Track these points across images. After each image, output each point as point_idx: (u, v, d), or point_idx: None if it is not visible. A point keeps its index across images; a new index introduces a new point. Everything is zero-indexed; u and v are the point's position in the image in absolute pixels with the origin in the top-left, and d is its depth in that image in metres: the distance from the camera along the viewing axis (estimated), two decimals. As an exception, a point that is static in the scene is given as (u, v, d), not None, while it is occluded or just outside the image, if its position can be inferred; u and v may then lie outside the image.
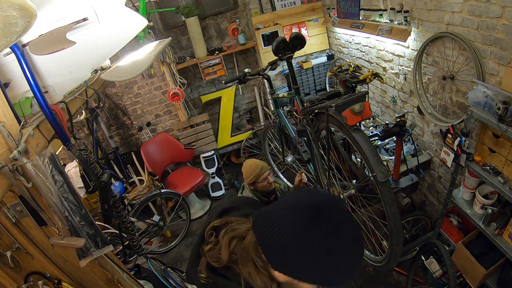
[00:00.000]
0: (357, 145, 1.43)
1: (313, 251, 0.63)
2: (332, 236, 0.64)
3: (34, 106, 1.28)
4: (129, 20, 1.35)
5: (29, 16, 0.67)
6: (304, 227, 0.64)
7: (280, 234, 0.65)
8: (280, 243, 0.65)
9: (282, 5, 3.58)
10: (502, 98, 1.34)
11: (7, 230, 1.07)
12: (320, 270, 0.66)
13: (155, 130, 4.14)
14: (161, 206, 3.47)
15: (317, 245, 0.63)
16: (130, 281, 1.60)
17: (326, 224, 0.64)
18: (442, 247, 2.04)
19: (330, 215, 0.65)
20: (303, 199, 0.69)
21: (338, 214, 0.67)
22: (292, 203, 0.70)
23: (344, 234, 0.65)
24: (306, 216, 0.65)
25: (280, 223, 0.66)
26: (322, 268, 0.65)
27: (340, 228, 0.65)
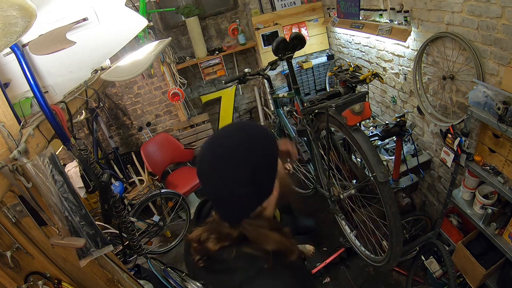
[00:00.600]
0: (357, 145, 1.43)
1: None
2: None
3: (34, 106, 1.28)
4: (129, 20, 1.35)
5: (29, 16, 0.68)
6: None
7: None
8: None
9: (282, 5, 3.58)
10: (502, 98, 1.34)
11: (7, 230, 1.07)
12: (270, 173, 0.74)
13: (155, 130, 4.14)
14: (161, 206, 3.47)
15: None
16: (130, 281, 1.60)
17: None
18: (442, 247, 2.04)
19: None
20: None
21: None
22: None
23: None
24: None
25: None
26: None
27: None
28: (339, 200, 1.86)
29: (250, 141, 0.74)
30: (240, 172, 0.70)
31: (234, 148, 0.71)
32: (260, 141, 0.75)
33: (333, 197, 1.86)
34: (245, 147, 0.72)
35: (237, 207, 0.73)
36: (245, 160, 0.70)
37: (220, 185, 0.71)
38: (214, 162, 0.71)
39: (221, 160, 0.70)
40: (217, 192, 0.73)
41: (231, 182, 0.70)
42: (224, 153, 0.71)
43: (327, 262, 2.64)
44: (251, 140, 0.74)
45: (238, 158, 0.70)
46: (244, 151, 0.71)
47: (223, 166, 0.70)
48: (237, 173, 0.70)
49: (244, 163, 0.70)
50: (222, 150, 0.72)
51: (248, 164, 0.70)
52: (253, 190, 0.72)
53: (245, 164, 0.70)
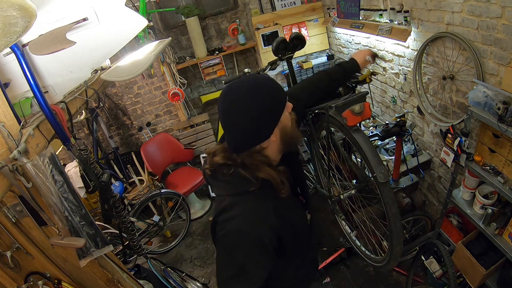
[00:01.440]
0: (357, 145, 1.43)
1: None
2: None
3: (34, 106, 1.28)
4: (129, 20, 1.35)
5: (29, 16, 0.67)
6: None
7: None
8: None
9: (282, 5, 3.59)
10: (502, 98, 1.34)
11: (7, 230, 1.07)
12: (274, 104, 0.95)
13: (155, 130, 4.14)
14: (161, 206, 3.47)
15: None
16: (130, 281, 1.60)
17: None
18: (442, 247, 2.04)
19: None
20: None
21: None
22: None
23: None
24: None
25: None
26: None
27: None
28: (339, 200, 1.86)
29: (255, 92, 0.93)
30: (243, 115, 0.91)
31: (241, 97, 0.92)
32: (264, 93, 0.93)
33: (333, 197, 1.86)
34: (249, 96, 0.92)
35: (239, 141, 0.94)
36: (248, 107, 0.91)
37: (229, 121, 0.94)
38: (227, 105, 0.94)
39: (231, 104, 0.93)
40: (227, 126, 0.96)
41: (236, 121, 0.92)
42: (233, 99, 0.93)
43: (327, 262, 2.64)
44: (256, 91, 0.93)
45: (242, 106, 0.91)
46: (248, 100, 0.91)
47: (232, 109, 0.93)
48: (241, 115, 0.91)
49: (247, 109, 0.91)
50: (233, 97, 0.94)
51: (250, 111, 0.91)
52: (252, 131, 0.93)
53: (248, 109, 0.91)
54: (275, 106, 0.96)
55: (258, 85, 0.94)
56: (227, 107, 0.94)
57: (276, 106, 0.96)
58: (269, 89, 0.95)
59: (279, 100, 0.97)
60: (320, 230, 3.05)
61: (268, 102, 0.93)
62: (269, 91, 0.95)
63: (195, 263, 3.16)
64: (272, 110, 0.95)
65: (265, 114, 0.93)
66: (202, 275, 2.96)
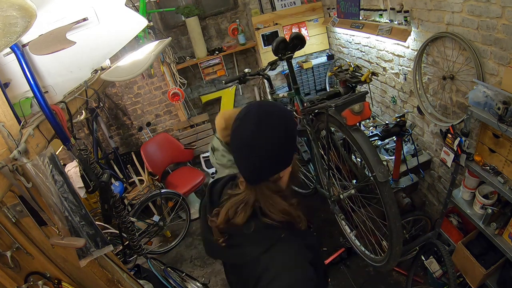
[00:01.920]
0: (357, 145, 1.43)
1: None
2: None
3: (34, 106, 1.28)
4: (129, 20, 1.35)
5: (29, 16, 0.67)
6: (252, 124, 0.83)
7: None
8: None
9: (282, 5, 3.59)
10: (502, 98, 1.34)
11: (7, 230, 1.07)
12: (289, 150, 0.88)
13: (155, 130, 4.14)
14: (161, 206, 3.47)
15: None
16: (130, 281, 1.60)
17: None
18: (442, 247, 2.04)
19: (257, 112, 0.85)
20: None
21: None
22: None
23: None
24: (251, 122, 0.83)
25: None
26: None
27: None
28: (339, 200, 1.86)
29: (283, 117, 0.86)
30: (273, 139, 0.82)
31: (271, 122, 0.83)
32: (289, 118, 0.88)
33: (333, 197, 1.86)
34: (279, 121, 0.84)
35: (261, 167, 0.83)
36: (281, 131, 0.83)
37: (256, 145, 0.81)
38: (254, 127, 0.82)
39: (261, 126, 0.82)
40: (252, 150, 0.82)
41: (265, 146, 0.81)
42: (262, 123, 0.82)
43: (327, 262, 2.64)
44: (284, 114, 0.87)
45: (273, 130, 0.82)
46: (277, 125, 0.83)
47: (262, 131, 0.81)
48: (270, 140, 0.82)
49: (280, 134, 0.83)
50: (261, 120, 0.82)
51: (281, 135, 0.83)
52: (278, 157, 0.84)
53: (280, 134, 0.83)
54: (296, 132, 0.92)
55: (282, 110, 0.90)
56: (257, 127, 0.82)
57: (296, 132, 0.93)
58: (291, 115, 0.92)
59: (295, 125, 0.95)
60: (320, 230, 3.05)
61: (291, 128, 0.88)
62: (291, 116, 0.92)
63: (195, 263, 3.16)
64: (294, 134, 0.91)
65: (291, 139, 0.88)
66: (202, 275, 2.96)
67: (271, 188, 0.86)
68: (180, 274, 2.51)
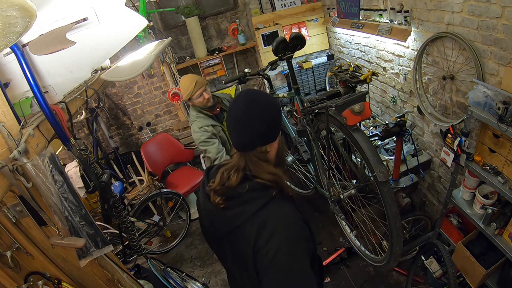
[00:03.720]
0: (357, 145, 1.43)
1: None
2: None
3: (34, 106, 1.28)
4: (129, 20, 1.35)
5: (29, 16, 0.67)
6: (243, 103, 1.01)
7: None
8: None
9: (282, 5, 3.59)
10: (502, 98, 1.34)
11: (7, 230, 1.07)
12: (276, 125, 1.04)
13: (155, 130, 4.14)
14: (161, 206, 3.47)
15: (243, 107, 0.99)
16: (130, 281, 1.60)
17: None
18: (442, 247, 2.04)
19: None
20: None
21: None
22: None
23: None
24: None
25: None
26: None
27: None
28: (339, 200, 1.86)
29: (272, 102, 1.05)
30: (262, 116, 0.99)
31: (263, 102, 1.01)
32: (271, 104, 1.04)
33: (333, 197, 1.86)
34: (269, 103, 1.03)
35: (250, 138, 0.99)
36: (267, 110, 1.01)
37: (247, 120, 0.98)
38: (247, 105, 0.99)
39: (252, 104, 1.00)
40: (244, 124, 0.99)
41: (254, 121, 0.98)
42: (255, 101, 1.00)
43: (327, 262, 2.64)
44: (273, 100, 1.06)
45: (263, 109, 1.00)
46: (268, 106, 1.02)
47: (253, 108, 0.99)
48: (260, 116, 0.99)
49: (266, 111, 1.01)
50: (254, 99, 1.01)
51: (267, 115, 1.00)
52: (264, 132, 1.00)
53: (268, 113, 1.01)
54: (278, 113, 1.07)
55: (266, 95, 1.07)
56: (247, 107, 0.99)
57: (278, 113, 1.07)
58: (274, 100, 1.09)
59: (277, 109, 1.10)
60: (320, 230, 3.05)
61: (280, 110, 1.07)
62: (274, 101, 1.08)
63: (195, 263, 3.16)
64: (281, 118, 1.08)
65: (278, 118, 1.05)
66: (202, 275, 2.96)
67: (258, 156, 1.01)
68: (180, 274, 2.51)
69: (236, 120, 1.00)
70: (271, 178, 0.99)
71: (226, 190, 0.99)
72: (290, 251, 0.92)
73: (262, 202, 0.97)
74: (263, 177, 0.99)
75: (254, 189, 0.98)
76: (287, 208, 1.00)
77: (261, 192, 0.98)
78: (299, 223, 0.98)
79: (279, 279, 0.91)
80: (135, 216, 2.95)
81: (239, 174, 0.99)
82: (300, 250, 0.94)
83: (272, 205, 0.97)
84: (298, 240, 0.95)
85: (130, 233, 2.04)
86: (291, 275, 0.90)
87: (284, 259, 0.90)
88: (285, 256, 0.91)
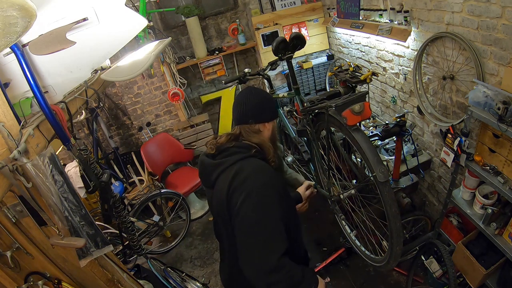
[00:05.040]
0: (357, 145, 1.43)
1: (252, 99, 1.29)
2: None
3: (34, 106, 1.28)
4: (129, 20, 1.35)
5: (29, 16, 0.67)
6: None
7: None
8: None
9: (282, 5, 3.58)
10: (502, 98, 1.34)
11: (7, 230, 1.07)
12: (270, 107, 1.34)
13: (155, 130, 4.14)
14: (161, 206, 3.47)
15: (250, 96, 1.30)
16: (130, 281, 1.60)
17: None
18: (442, 247, 2.04)
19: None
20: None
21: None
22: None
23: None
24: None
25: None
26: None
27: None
28: (339, 200, 1.86)
29: (269, 96, 1.37)
30: (257, 99, 1.29)
31: (261, 92, 1.34)
32: (264, 95, 1.35)
33: (333, 197, 1.86)
34: (265, 94, 1.36)
35: (245, 115, 1.27)
36: (262, 98, 1.31)
37: (246, 100, 1.28)
38: (249, 92, 1.32)
39: (252, 92, 1.32)
40: (243, 103, 1.28)
41: (251, 102, 1.28)
42: (255, 92, 1.32)
43: (327, 262, 2.64)
44: (269, 95, 1.40)
45: (259, 97, 1.30)
46: (265, 96, 1.33)
47: (252, 95, 1.30)
48: (255, 99, 1.29)
49: (262, 99, 1.31)
50: (255, 90, 1.33)
51: (263, 100, 1.31)
52: (255, 110, 1.27)
53: (262, 99, 1.31)
54: (275, 111, 1.38)
55: (261, 90, 1.39)
56: (249, 93, 1.30)
57: (275, 111, 1.39)
58: (267, 94, 1.39)
59: (270, 100, 1.37)
60: (320, 230, 3.05)
61: (273, 103, 1.38)
62: (267, 94, 1.38)
63: (195, 263, 3.16)
64: (273, 109, 1.37)
65: (270, 107, 1.33)
66: (202, 275, 2.96)
67: (251, 129, 1.27)
68: (180, 274, 2.51)
69: (237, 101, 1.30)
70: (257, 142, 1.23)
71: (217, 145, 1.24)
72: (262, 194, 1.05)
73: (242, 155, 1.18)
74: (251, 140, 1.23)
75: (239, 146, 1.22)
76: (264, 163, 1.19)
77: (244, 149, 1.20)
78: (274, 175, 1.16)
79: (249, 223, 1.02)
80: (135, 216, 2.95)
81: (229, 136, 1.25)
82: (272, 198, 1.06)
83: (251, 159, 1.18)
84: (270, 188, 1.09)
85: (130, 233, 2.04)
86: (260, 221, 1.01)
87: (255, 201, 1.02)
88: (255, 198, 1.03)
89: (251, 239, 1.02)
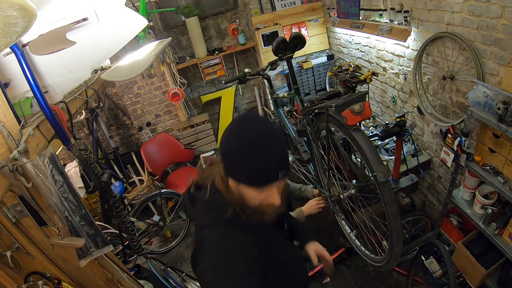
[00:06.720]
0: (357, 145, 1.43)
1: (238, 146, 0.81)
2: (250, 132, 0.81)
3: (34, 106, 1.28)
4: (129, 20, 1.35)
5: (29, 16, 0.67)
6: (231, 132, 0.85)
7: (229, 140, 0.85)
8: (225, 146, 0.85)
9: (282, 5, 3.58)
10: (502, 98, 1.34)
11: (7, 230, 1.07)
12: (246, 164, 0.81)
13: (155, 130, 4.14)
14: (161, 206, 3.47)
15: (240, 141, 0.81)
16: (130, 281, 1.60)
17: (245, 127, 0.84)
18: (442, 247, 2.04)
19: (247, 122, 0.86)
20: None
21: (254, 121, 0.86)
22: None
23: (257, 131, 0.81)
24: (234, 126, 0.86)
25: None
26: (247, 162, 0.80)
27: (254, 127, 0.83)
28: (339, 200, 1.86)
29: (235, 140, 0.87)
30: (222, 142, 0.88)
31: (228, 134, 0.87)
32: (235, 148, 0.88)
33: (333, 197, 1.86)
34: (230, 136, 0.88)
35: (223, 157, 0.88)
36: (223, 143, 0.89)
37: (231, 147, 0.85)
38: (228, 127, 0.88)
39: (228, 128, 0.87)
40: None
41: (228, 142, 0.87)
42: (229, 128, 0.88)
43: (327, 262, 2.64)
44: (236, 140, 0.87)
45: (225, 137, 0.87)
46: (227, 139, 0.87)
47: (227, 129, 0.88)
48: (223, 140, 0.88)
49: (224, 141, 0.88)
50: (231, 126, 0.88)
51: (224, 144, 0.88)
52: (221, 152, 0.89)
53: (224, 142, 0.88)
54: (234, 161, 0.86)
55: (244, 139, 0.84)
56: (229, 127, 0.89)
57: (269, 176, 0.84)
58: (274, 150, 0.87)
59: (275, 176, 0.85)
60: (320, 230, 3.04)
61: (269, 163, 0.82)
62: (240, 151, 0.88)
63: (195, 263, 3.16)
64: (232, 161, 0.85)
65: (227, 156, 0.86)
66: (202, 275, 2.95)
67: (221, 173, 0.90)
68: (180, 274, 2.51)
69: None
70: (238, 200, 0.86)
71: (196, 184, 0.98)
72: (215, 277, 0.86)
73: (212, 220, 0.93)
74: (229, 197, 0.88)
75: (213, 202, 0.91)
76: (234, 239, 0.90)
77: (217, 210, 0.90)
78: (238, 260, 0.87)
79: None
80: (135, 216, 2.95)
81: (210, 178, 0.94)
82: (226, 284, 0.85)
83: (219, 230, 0.91)
84: (226, 275, 0.85)
85: (130, 233, 2.04)
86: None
87: (209, 280, 0.88)
88: (210, 278, 0.88)
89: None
